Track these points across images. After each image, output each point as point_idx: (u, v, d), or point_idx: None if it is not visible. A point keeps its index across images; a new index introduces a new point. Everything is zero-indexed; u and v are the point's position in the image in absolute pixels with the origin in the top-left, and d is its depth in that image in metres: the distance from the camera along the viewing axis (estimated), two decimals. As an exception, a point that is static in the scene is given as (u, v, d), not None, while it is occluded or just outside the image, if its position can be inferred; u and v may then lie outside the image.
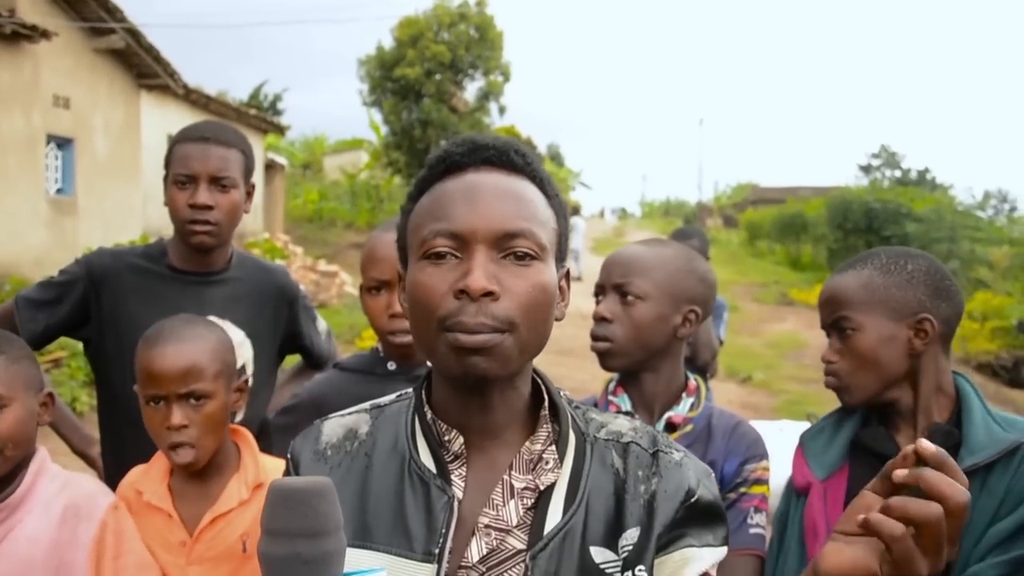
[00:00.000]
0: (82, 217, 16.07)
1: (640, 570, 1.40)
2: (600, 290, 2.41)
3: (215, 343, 2.31)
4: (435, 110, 30.53)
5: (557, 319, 1.45)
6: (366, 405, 1.57)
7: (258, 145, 25.37)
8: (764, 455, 2.35)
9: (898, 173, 54.49)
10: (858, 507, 1.28)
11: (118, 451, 2.81)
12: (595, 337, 2.38)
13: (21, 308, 2.81)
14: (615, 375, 2.50)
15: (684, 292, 2.38)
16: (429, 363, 1.47)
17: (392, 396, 1.58)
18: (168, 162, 2.85)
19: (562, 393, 1.53)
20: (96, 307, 2.84)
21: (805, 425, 4.96)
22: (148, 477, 2.34)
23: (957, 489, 1.18)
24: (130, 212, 17.59)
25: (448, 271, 1.34)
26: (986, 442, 2.06)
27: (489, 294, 1.31)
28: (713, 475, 1.53)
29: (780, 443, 2.40)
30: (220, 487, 2.30)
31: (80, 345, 2.97)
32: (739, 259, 34.45)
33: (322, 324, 3.29)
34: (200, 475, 2.30)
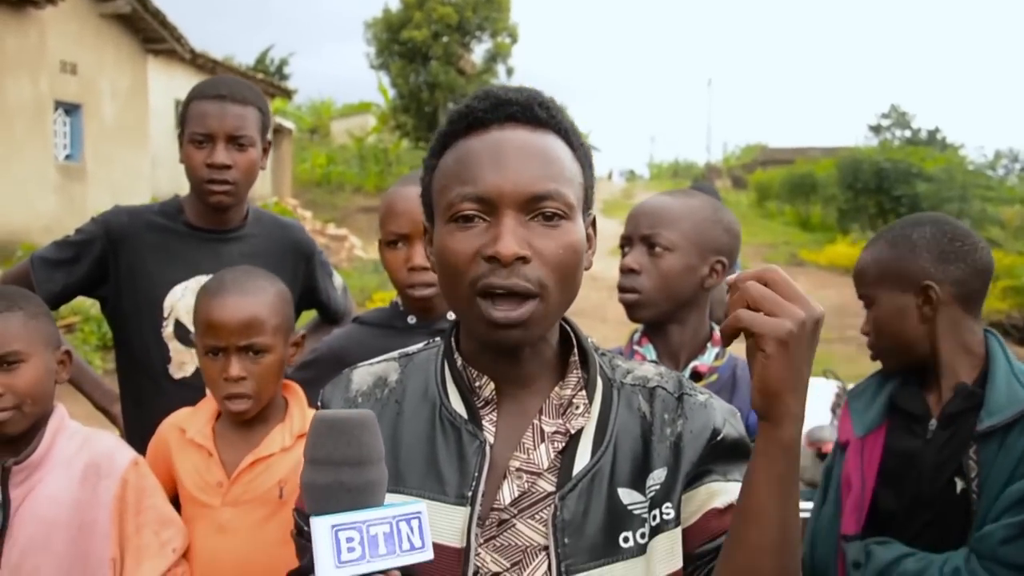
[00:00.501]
0: (91, 183, 16.07)
1: (667, 507, 1.42)
2: (627, 241, 2.40)
3: (275, 296, 2.32)
4: (443, 72, 30.42)
5: (586, 269, 1.44)
6: (394, 354, 1.57)
7: (265, 110, 25.30)
8: None
9: (908, 133, 54.08)
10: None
11: (138, 408, 2.81)
12: (623, 289, 2.37)
13: (37, 268, 2.80)
14: (640, 326, 2.51)
15: (711, 243, 2.38)
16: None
17: (420, 345, 1.59)
18: (183, 119, 2.82)
19: (589, 340, 1.53)
20: (114, 265, 2.82)
21: (822, 380, 4.99)
22: (194, 417, 2.36)
23: (747, 272, 1.26)
24: (138, 176, 17.58)
25: (476, 235, 1.34)
26: (1006, 403, 2.11)
27: (520, 259, 1.31)
28: (739, 414, 1.55)
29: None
30: (263, 434, 2.31)
31: (92, 310, 2.98)
32: (748, 220, 34.29)
33: (338, 280, 3.28)
34: (246, 423, 2.31)
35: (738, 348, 2.39)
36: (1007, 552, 2.00)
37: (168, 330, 2.77)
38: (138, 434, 2.48)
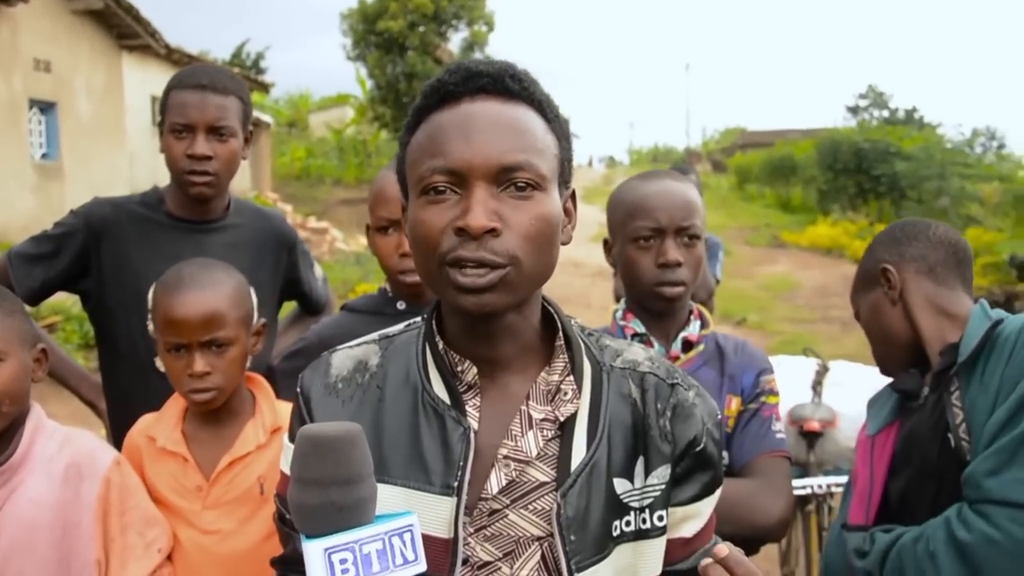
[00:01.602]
0: (68, 181, 15.95)
1: (662, 514, 1.45)
2: (656, 233, 2.34)
3: (234, 288, 2.30)
4: (420, 62, 30.24)
5: (564, 243, 1.43)
6: (375, 336, 1.55)
7: (243, 104, 25.17)
8: (772, 368, 2.44)
9: (886, 113, 54.19)
10: None
11: (125, 403, 2.76)
12: (672, 283, 2.33)
13: (15, 264, 2.76)
14: (621, 303, 2.52)
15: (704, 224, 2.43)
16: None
17: (401, 326, 1.57)
18: (164, 109, 2.79)
19: (574, 322, 1.52)
20: (96, 258, 2.79)
21: (802, 360, 5.00)
22: (161, 423, 2.33)
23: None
24: (116, 174, 17.46)
25: (447, 208, 1.33)
26: (975, 334, 2.10)
27: (490, 231, 1.30)
28: (719, 417, 1.57)
29: (776, 378, 2.45)
30: (235, 432, 2.29)
31: (74, 309, 2.95)
32: (729, 203, 34.44)
33: (318, 270, 3.27)
34: (215, 420, 2.30)
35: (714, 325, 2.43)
36: (994, 486, 1.89)
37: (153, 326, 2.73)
38: (125, 430, 2.45)
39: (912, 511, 2.16)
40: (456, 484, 1.36)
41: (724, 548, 1.22)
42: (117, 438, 2.47)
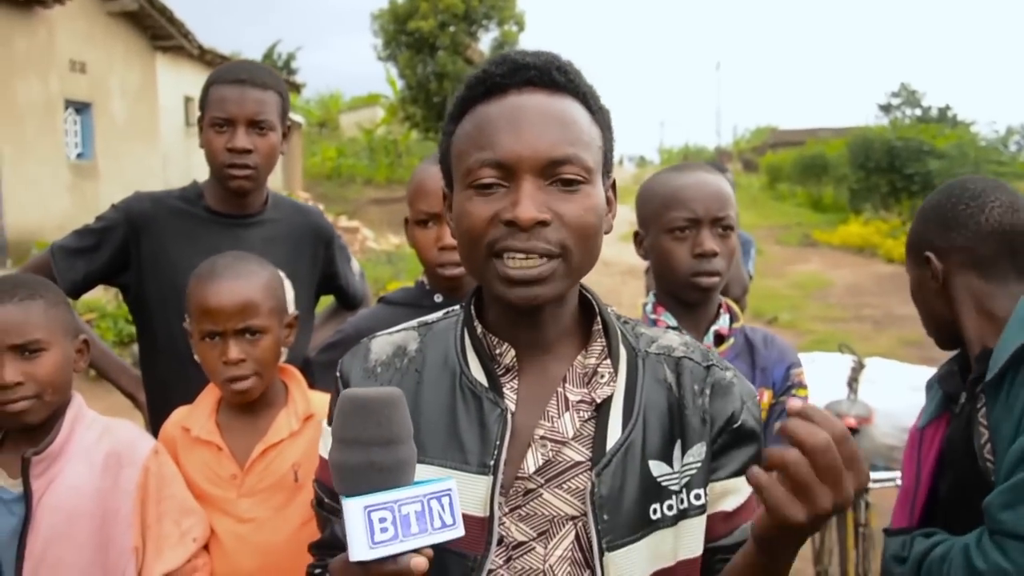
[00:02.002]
0: (103, 180, 16.10)
1: (700, 492, 1.45)
2: (692, 224, 2.33)
3: (268, 279, 2.33)
4: (450, 62, 30.33)
5: (606, 232, 1.44)
6: (414, 323, 1.57)
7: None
8: (799, 361, 2.46)
9: (919, 111, 53.74)
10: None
11: (165, 396, 2.78)
12: (708, 273, 2.33)
13: (58, 258, 2.80)
14: (650, 296, 2.52)
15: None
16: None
17: (440, 313, 1.58)
18: (203, 104, 2.82)
19: (610, 309, 1.53)
20: (136, 252, 2.83)
21: (837, 356, 4.98)
22: (195, 414, 2.36)
23: (811, 431, 1.13)
24: (150, 173, 17.59)
25: (496, 200, 1.34)
26: (999, 351, 1.97)
27: (540, 223, 1.31)
28: (756, 396, 1.56)
29: (811, 374, 2.42)
30: (268, 421, 2.31)
31: (109, 306, 2.95)
32: (760, 202, 34.26)
33: (355, 265, 3.29)
34: (248, 410, 2.33)
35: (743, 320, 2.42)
36: (1008, 519, 1.81)
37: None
38: (164, 421, 2.47)
39: (956, 515, 2.06)
40: (492, 463, 1.37)
41: (797, 401, 1.17)
42: (156, 430, 2.50)
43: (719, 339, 2.40)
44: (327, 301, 3.38)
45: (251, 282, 2.28)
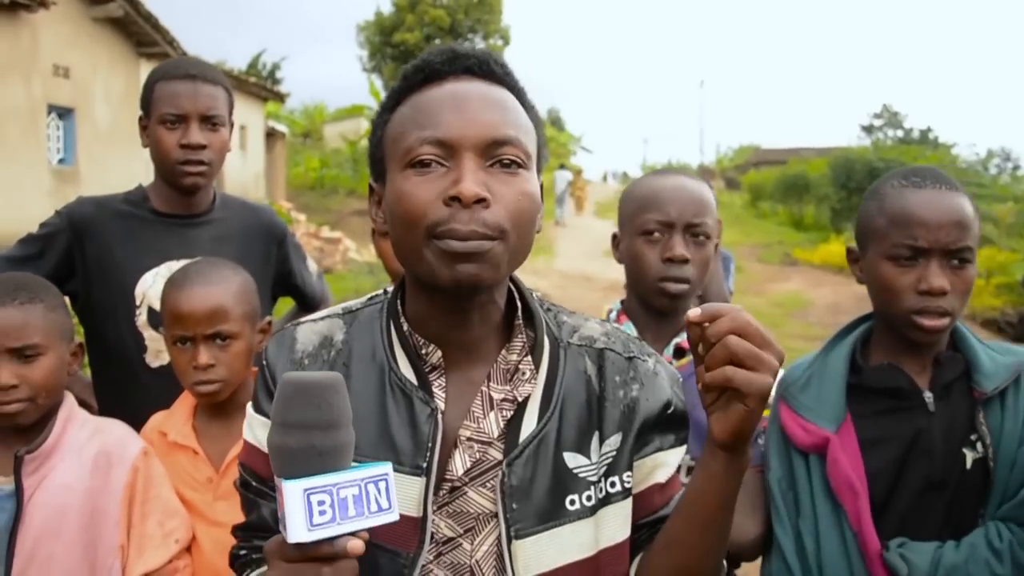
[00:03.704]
0: (84, 186, 16.01)
1: (620, 478, 1.46)
2: (663, 227, 2.29)
3: (240, 285, 2.34)
4: (435, 75, 30.37)
5: (536, 231, 1.45)
6: (338, 309, 1.57)
7: (258, 113, 25.26)
8: None
9: (900, 133, 54.19)
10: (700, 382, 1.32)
11: (117, 401, 2.73)
12: (676, 279, 2.28)
13: (2, 267, 2.70)
14: (616, 303, 2.49)
15: (718, 226, 2.37)
16: (408, 272, 1.47)
17: (363, 299, 1.59)
18: (149, 101, 2.77)
19: (535, 295, 1.54)
20: (81, 258, 2.76)
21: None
22: (171, 419, 2.37)
23: (731, 318, 1.27)
24: (132, 180, 17.00)
25: (435, 179, 1.34)
26: (993, 368, 2.02)
27: (480, 200, 1.31)
28: (681, 380, 1.59)
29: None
30: (243, 424, 2.31)
31: (75, 318, 2.89)
32: (742, 220, 34.39)
33: (312, 264, 3.24)
34: (223, 414, 2.34)
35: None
36: None
37: (142, 319, 2.71)
38: None
39: (909, 519, 2.01)
40: (425, 465, 1.38)
41: (694, 311, 1.29)
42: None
43: (680, 353, 2.34)
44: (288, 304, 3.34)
45: (222, 288, 2.29)
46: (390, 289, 2.59)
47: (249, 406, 1.57)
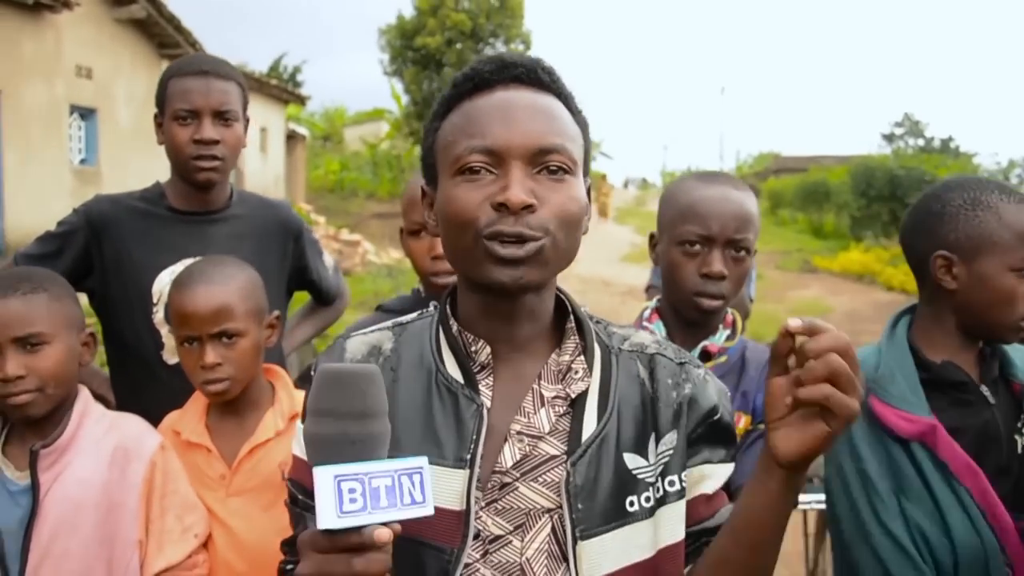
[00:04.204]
0: (105, 187, 16.08)
1: (676, 479, 1.47)
2: (705, 241, 2.26)
3: (244, 282, 2.35)
4: (456, 79, 30.39)
5: (583, 233, 1.48)
6: (388, 323, 1.59)
7: (279, 116, 25.35)
8: None
9: (921, 142, 53.80)
10: (776, 395, 1.30)
11: (134, 397, 2.75)
12: (710, 295, 2.25)
13: (21, 265, 2.73)
14: (652, 302, 2.47)
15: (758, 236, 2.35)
16: (459, 274, 1.50)
17: (414, 315, 1.61)
18: (163, 98, 2.79)
19: (584, 308, 1.57)
20: (98, 255, 2.78)
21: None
22: (185, 418, 2.38)
23: (831, 335, 1.23)
24: (152, 181, 17.58)
25: (484, 186, 1.38)
26: (1022, 362, 2.19)
27: (527, 207, 1.35)
28: (729, 394, 1.60)
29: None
30: (256, 421, 2.34)
31: (89, 318, 2.90)
32: (762, 228, 34.03)
33: (329, 259, 3.26)
34: (236, 412, 2.35)
35: (746, 332, 2.38)
36: None
37: (159, 316, 2.72)
38: None
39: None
40: (469, 457, 1.39)
41: (796, 321, 1.27)
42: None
43: (706, 356, 2.32)
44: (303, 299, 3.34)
45: (226, 286, 2.30)
46: (420, 289, 2.65)
47: (298, 421, 1.58)
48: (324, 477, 1.11)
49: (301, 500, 1.50)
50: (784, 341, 1.28)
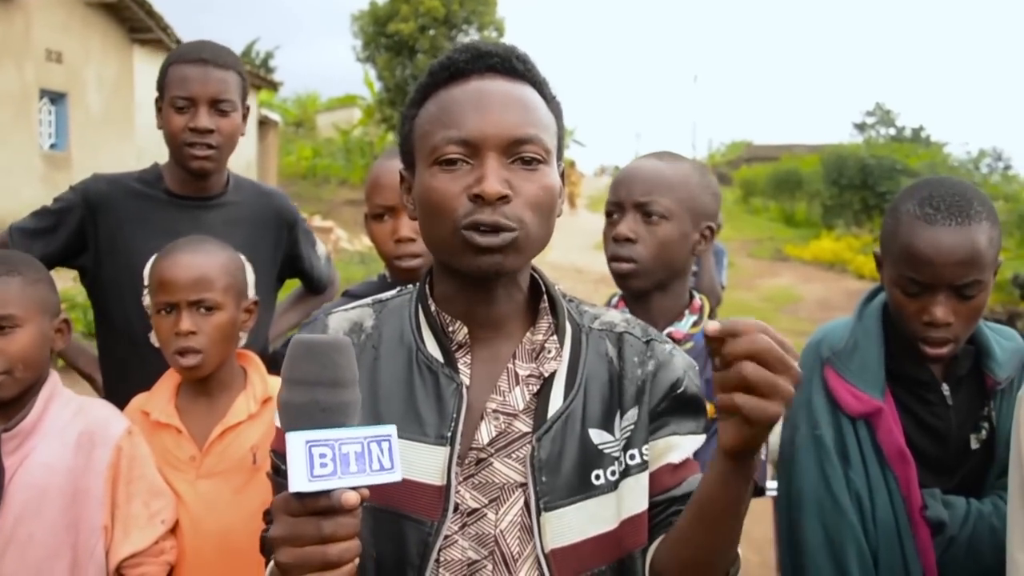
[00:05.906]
0: (76, 172, 15.95)
1: (638, 451, 1.51)
2: (617, 208, 2.33)
3: (226, 260, 2.37)
4: (429, 66, 30.27)
5: (557, 216, 1.51)
6: (368, 300, 1.64)
7: (251, 101, 25.21)
8: None
9: (893, 131, 54.01)
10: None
11: (120, 378, 2.79)
12: (618, 258, 2.30)
13: (16, 239, 2.77)
14: (616, 290, 2.49)
15: (702, 208, 2.35)
16: (436, 258, 1.54)
17: (393, 292, 1.66)
18: (163, 84, 2.81)
19: (557, 287, 1.61)
20: (93, 234, 2.81)
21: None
22: (154, 398, 2.38)
23: (750, 340, 1.20)
24: (124, 167, 17.08)
25: (461, 176, 1.42)
26: (1004, 356, 2.18)
27: (503, 198, 1.39)
28: (697, 368, 1.63)
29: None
30: (227, 403, 2.35)
31: (79, 297, 2.93)
32: (734, 216, 34.41)
33: (321, 249, 3.29)
34: (207, 393, 2.36)
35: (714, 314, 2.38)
36: None
37: (148, 299, 2.72)
38: (120, 403, 2.47)
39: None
40: (449, 435, 1.44)
41: (714, 324, 1.23)
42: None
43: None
44: (293, 285, 3.37)
45: (207, 258, 2.33)
46: (386, 274, 2.65)
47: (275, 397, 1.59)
48: (296, 442, 1.14)
49: (283, 470, 1.53)
50: (711, 344, 1.25)
